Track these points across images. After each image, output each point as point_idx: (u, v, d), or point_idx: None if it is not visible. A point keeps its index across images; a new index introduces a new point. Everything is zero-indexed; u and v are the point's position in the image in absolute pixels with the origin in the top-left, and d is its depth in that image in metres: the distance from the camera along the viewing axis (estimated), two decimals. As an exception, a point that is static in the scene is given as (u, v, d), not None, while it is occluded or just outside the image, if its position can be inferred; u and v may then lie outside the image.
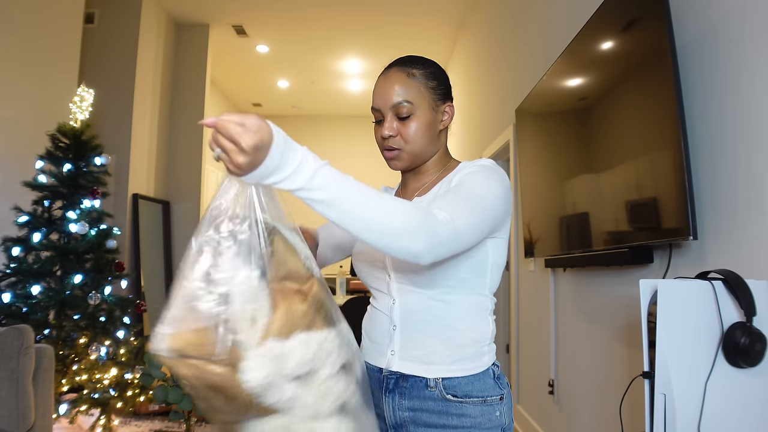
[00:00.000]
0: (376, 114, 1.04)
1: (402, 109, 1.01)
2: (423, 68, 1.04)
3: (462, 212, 0.86)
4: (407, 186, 1.13)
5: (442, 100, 1.06)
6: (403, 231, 0.76)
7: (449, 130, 1.13)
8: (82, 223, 3.07)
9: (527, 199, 3.01)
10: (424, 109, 1.02)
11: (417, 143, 1.02)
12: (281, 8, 5.25)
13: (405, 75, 1.02)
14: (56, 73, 3.73)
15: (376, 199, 0.77)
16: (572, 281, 2.62)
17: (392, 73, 1.04)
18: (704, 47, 1.56)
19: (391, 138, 1.02)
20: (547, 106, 2.70)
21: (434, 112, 1.04)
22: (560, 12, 2.73)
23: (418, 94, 1.02)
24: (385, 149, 1.05)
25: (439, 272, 0.97)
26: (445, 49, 6.14)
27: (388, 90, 1.02)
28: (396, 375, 1.00)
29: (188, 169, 5.63)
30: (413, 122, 1.01)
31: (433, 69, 1.06)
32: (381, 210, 0.76)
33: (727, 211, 1.46)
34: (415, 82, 1.02)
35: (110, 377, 2.99)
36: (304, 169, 0.73)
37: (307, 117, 8.92)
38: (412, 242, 0.77)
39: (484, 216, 0.90)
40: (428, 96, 1.03)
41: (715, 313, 1.11)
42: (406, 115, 1.01)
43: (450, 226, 0.82)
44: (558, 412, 2.80)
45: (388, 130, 1.02)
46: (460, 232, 0.84)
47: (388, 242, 0.77)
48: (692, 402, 1.09)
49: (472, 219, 0.87)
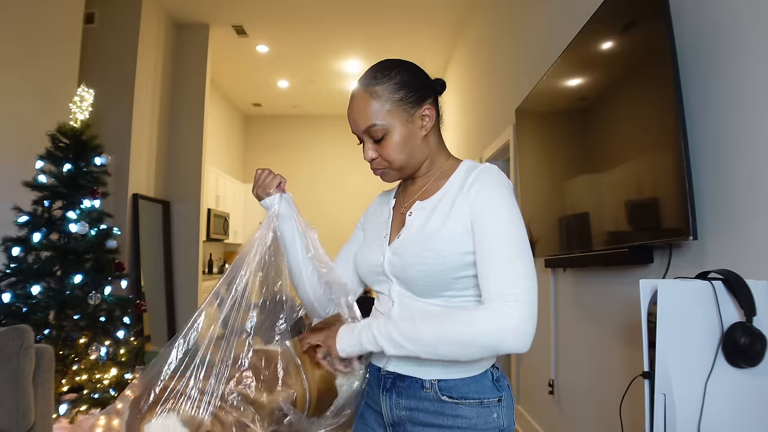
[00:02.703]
0: (357, 136, 1.05)
1: (375, 133, 1.00)
2: (387, 81, 1.00)
3: (514, 274, 0.88)
4: (406, 189, 1.12)
5: (416, 106, 1.01)
6: (484, 351, 0.88)
7: (442, 124, 1.10)
8: (82, 223, 3.07)
9: (527, 199, 3.01)
10: (396, 125, 1.00)
11: (397, 160, 1.02)
12: (281, 8, 5.25)
13: (368, 96, 1.00)
14: (56, 73, 3.73)
15: (440, 336, 0.88)
16: (572, 281, 2.62)
17: (357, 96, 1.02)
18: (704, 47, 1.56)
19: (373, 161, 1.04)
20: (547, 106, 2.70)
21: (409, 123, 1.01)
22: (560, 12, 2.73)
23: (386, 113, 0.99)
24: (373, 168, 1.06)
25: (438, 287, 0.97)
26: (445, 48, 6.13)
27: (356, 116, 1.01)
28: (393, 375, 1.00)
29: (188, 169, 5.63)
30: (388, 142, 1.00)
31: (398, 77, 1.00)
32: (453, 346, 0.88)
33: (727, 211, 1.46)
34: (380, 101, 0.99)
35: (110, 377, 2.99)
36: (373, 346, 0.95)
37: (307, 117, 8.92)
38: (503, 349, 0.86)
39: (524, 251, 0.91)
40: (397, 110, 0.99)
41: (715, 313, 1.11)
42: (380, 136, 1.00)
43: (517, 305, 0.85)
44: (558, 412, 2.80)
45: (367, 156, 1.03)
46: (527, 292, 0.87)
47: (476, 356, 0.90)
48: (692, 402, 1.09)
49: (523, 268, 0.89)
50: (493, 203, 0.94)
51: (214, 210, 6.72)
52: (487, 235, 0.92)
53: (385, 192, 1.22)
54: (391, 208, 1.13)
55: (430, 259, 0.95)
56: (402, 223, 1.06)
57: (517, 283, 0.87)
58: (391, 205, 1.14)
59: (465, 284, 0.97)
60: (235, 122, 8.62)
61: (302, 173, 8.91)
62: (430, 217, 1.00)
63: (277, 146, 8.98)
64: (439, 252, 0.95)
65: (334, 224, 7.94)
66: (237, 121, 8.70)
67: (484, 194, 0.96)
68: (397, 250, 1.01)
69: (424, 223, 1.00)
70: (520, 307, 0.85)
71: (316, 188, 8.83)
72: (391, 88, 1.00)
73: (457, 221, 0.96)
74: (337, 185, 8.63)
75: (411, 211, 1.05)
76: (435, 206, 1.01)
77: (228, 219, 7.31)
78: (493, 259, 0.90)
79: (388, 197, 1.18)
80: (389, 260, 1.02)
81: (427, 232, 0.98)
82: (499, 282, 0.88)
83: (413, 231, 1.01)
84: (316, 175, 8.86)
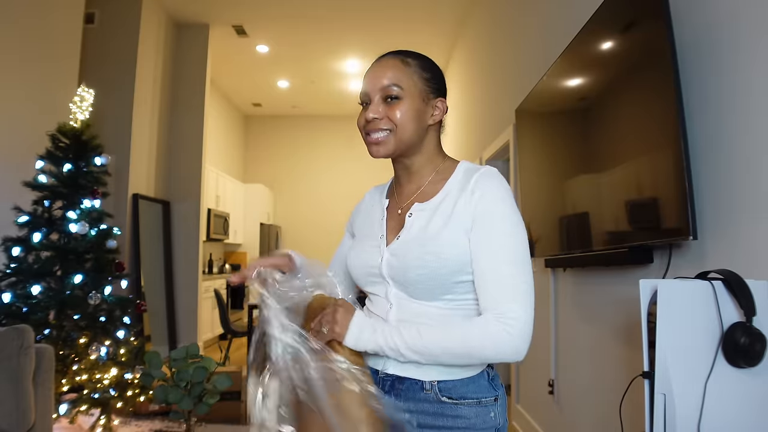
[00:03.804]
0: (364, 98, 1.02)
1: (391, 92, 0.98)
2: (419, 60, 1.03)
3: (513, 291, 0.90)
4: (402, 186, 1.09)
5: (434, 94, 1.03)
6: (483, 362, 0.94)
7: (443, 129, 1.10)
8: (82, 223, 3.07)
9: (527, 199, 3.01)
10: (414, 96, 1.00)
11: (404, 128, 0.99)
12: (281, 8, 5.25)
13: (399, 62, 1.01)
14: (56, 73, 3.73)
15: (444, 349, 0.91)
16: (572, 281, 2.62)
17: (386, 59, 1.02)
18: (704, 47, 1.56)
19: (375, 120, 0.99)
20: (547, 106, 2.71)
21: (424, 103, 1.01)
22: (560, 12, 2.73)
23: (410, 81, 0.99)
24: (368, 133, 1.01)
25: (438, 291, 0.97)
26: (444, 48, 6.14)
27: (380, 73, 1.00)
28: (392, 377, 0.99)
29: (188, 169, 5.63)
30: (401, 105, 0.98)
31: (429, 63, 1.04)
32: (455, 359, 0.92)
33: (727, 211, 1.46)
34: (408, 69, 1.00)
35: (110, 377, 2.99)
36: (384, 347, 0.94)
37: (307, 117, 8.92)
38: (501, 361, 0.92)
39: (525, 266, 0.93)
40: (420, 85, 1.00)
41: (715, 313, 1.11)
42: (394, 96, 0.98)
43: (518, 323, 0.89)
44: (558, 412, 2.80)
45: (373, 112, 0.99)
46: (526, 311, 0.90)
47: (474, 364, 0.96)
48: (692, 402, 1.09)
49: (523, 284, 0.91)
50: (495, 211, 0.95)
51: (214, 210, 6.72)
52: (488, 247, 0.93)
53: (375, 189, 1.20)
54: (385, 208, 1.10)
55: (432, 261, 0.95)
56: (399, 225, 1.04)
57: (516, 299, 0.90)
58: (383, 205, 1.11)
59: (464, 288, 0.96)
60: (235, 122, 8.62)
61: (302, 173, 8.92)
62: (432, 219, 0.99)
63: (277, 146, 8.98)
64: (441, 255, 0.94)
65: (334, 224, 7.95)
66: (237, 121, 8.70)
67: (488, 200, 0.95)
68: (397, 251, 1.00)
69: (425, 225, 0.99)
70: (520, 326, 0.89)
71: (316, 188, 8.83)
72: (423, 66, 1.02)
73: (458, 224, 0.96)
74: (337, 185, 8.63)
75: (411, 212, 1.03)
76: (436, 208, 1.00)
77: (228, 219, 7.31)
78: (494, 274, 0.92)
79: (379, 197, 1.15)
80: (387, 262, 1.00)
81: (428, 234, 0.97)
82: (499, 297, 0.90)
83: (413, 233, 1.00)
84: (315, 175, 8.87)
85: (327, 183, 8.77)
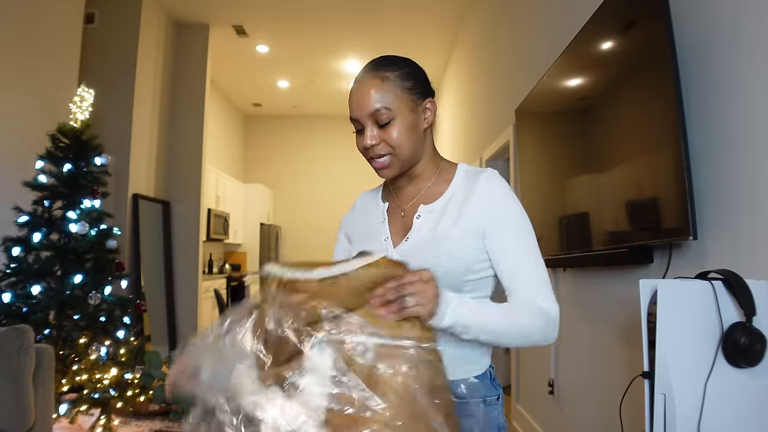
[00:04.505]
0: (356, 124, 1.02)
1: (381, 116, 0.97)
2: (397, 69, 1.00)
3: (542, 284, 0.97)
4: (402, 190, 1.09)
5: (421, 98, 1.02)
6: (541, 340, 0.97)
7: (435, 130, 1.09)
8: (82, 223, 3.07)
9: (527, 199, 3.01)
10: (404, 112, 0.99)
11: (402, 148, 0.99)
12: (281, 8, 5.25)
13: (379, 80, 0.98)
14: (56, 73, 3.73)
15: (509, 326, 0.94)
16: (572, 281, 2.62)
17: (366, 80, 1.00)
18: (704, 47, 1.56)
19: (374, 147, 0.99)
20: (547, 106, 2.70)
21: (414, 112, 1.01)
22: (560, 12, 2.73)
23: (394, 97, 0.98)
24: (372, 158, 1.02)
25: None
26: (444, 49, 6.14)
27: (364, 98, 0.98)
28: None
29: (188, 169, 5.63)
30: (394, 127, 0.98)
31: (407, 69, 1.02)
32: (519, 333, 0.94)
33: (727, 211, 1.46)
34: (390, 85, 0.98)
35: (110, 377, 2.99)
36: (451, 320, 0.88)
37: (307, 117, 8.92)
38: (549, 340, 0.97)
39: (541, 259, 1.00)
40: (406, 98, 0.99)
41: (715, 313, 1.11)
42: (386, 121, 0.98)
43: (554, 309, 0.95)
44: (558, 412, 2.80)
45: (370, 139, 0.99)
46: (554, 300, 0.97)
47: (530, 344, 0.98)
48: (692, 402, 1.09)
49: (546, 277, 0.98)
50: (510, 213, 1.00)
51: (214, 210, 6.72)
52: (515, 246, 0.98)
53: (366, 194, 1.19)
54: (384, 211, 1.10)
55: (446, 262, 0.95)
56: (405, 226, 1.04)
57: (549, 294, 0.97)
58: (382, 207, 1.11)
59: (470, 287, 0.98)
60: (235, 122, 8.62)
61: (302, 173, 8.92)
62: (440, 220, 0.99)
63: (277, 146, 8.98)
64: (454, 255, 0.96)
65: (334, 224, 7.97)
66: (237, 120, 8.70)
67: (500, 202, 1.00)
68: (407, 253, 0.99)
69: (434, 227, 0.99)
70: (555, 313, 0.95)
71: (316, 188, 8.83)
72: (401, 76, 1.00)
73: (467, 225, 0.97)
74: (337, 185, 8.63)
75: (419, 214, 1.03)
76: (443, 209, 1.01)
77: (228, 219, 7.31)
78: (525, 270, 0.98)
79: (374, 200, 1.15)
80: None
81: (438, 235, 0.98)
82: (533, 293, 0.96)
83: (423, 235, 1.00)
84: (315, 175, 8.86)
85: (327, 183, 8.77)
